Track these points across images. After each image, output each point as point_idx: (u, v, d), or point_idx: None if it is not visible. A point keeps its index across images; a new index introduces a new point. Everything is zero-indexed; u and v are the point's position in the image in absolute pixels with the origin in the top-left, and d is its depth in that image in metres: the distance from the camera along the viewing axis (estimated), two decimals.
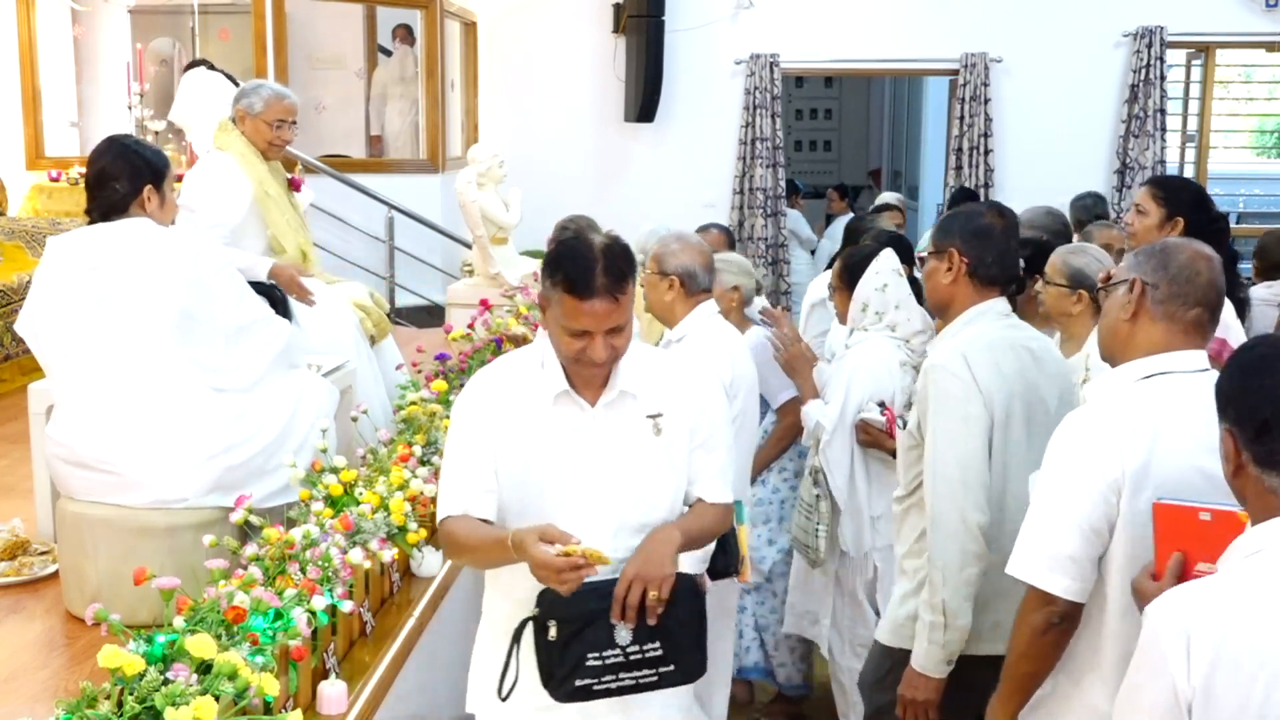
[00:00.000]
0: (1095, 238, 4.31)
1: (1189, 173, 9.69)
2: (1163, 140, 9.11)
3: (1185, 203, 3.50)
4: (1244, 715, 1.51)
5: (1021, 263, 3.13)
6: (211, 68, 7.46)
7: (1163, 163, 9.11)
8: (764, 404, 4.00)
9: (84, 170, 7.67)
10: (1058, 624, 2.17)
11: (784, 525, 4.09)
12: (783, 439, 4.05)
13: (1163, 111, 9.09)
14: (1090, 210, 5.87)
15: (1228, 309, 3.36)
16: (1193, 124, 9.65)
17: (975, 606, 2.59)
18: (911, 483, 2.79)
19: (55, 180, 7.65)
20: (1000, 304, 2.78)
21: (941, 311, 2.86)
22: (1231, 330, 3.30)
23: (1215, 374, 1.87)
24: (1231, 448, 1.67)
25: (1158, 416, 2.12)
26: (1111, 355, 2.30)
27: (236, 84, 7.41)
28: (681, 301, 3.46)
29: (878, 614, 3.59)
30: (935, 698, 2.60)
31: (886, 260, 3.73)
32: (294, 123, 4.34)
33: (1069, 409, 2.50)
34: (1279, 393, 1.62)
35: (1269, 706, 1.51)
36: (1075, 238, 4.74)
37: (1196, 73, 9.61)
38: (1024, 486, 2.47)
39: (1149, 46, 8.97)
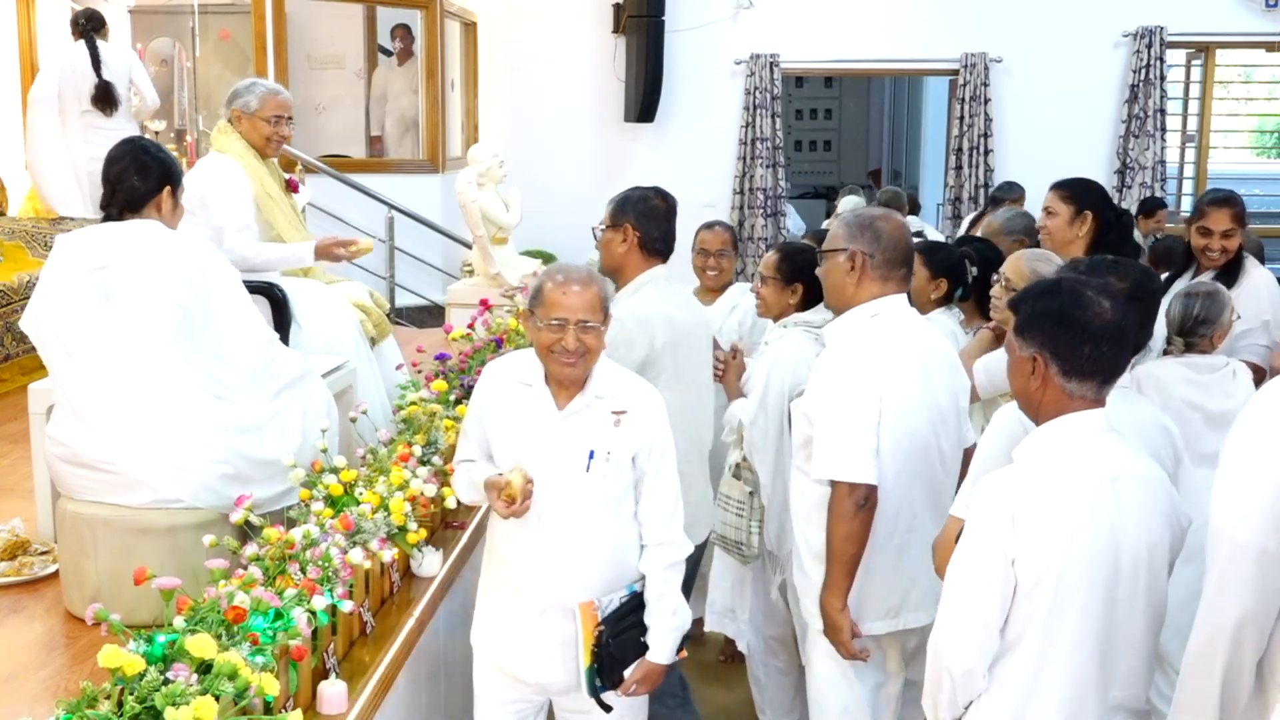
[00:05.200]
0: None
1: (1189, 173, 9.70)
2: (1163, 140, 9.11)
3: (1092, 199, 3.69)
4: (1051, 564, 2.13)
5: (973, 268, 3.86)
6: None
7: (1163, 163, 9.11)
8: None
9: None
10: (863, 505, 2.78)
11: None
12: None
13: (1163, 111, 9.09)
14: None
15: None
16: (1193, 124, 9.66)
17: None
18: None
19: None
20: (660, 270, 3.41)
21: (614, 275, 3.41)
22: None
23: (915, 313, 3.01)
24: (1042, 365, 2.21)
25: (894, 341, 2.90)
26: (839, 305, 3.01)
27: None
28: None
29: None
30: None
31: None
32: (290, 119, 4.38)
33: (709, 343, 3.58)
34: (1089, 328, 2.18)
35: (1070, 559, 2.13)
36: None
37: (1196, 73, 9.62)
38: (680, 421, 3.08)
39: (1149, 46, 8.98)
